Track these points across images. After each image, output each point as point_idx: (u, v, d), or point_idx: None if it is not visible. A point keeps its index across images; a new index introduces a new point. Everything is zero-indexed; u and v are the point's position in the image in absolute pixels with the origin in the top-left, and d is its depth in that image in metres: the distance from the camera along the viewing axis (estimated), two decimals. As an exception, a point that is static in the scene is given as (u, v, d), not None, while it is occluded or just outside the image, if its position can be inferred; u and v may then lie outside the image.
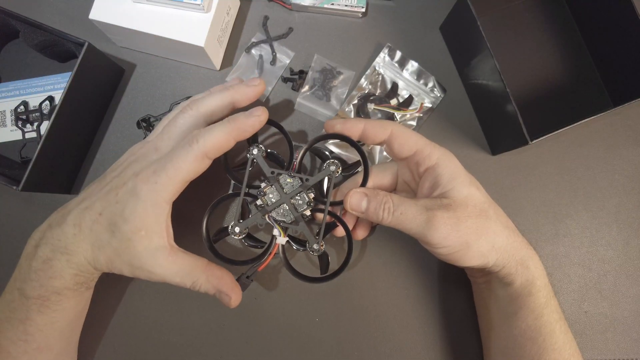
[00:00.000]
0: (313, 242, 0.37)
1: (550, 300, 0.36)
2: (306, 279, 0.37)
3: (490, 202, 0.35)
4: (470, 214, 0.33)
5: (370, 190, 0.35)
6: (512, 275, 0.35)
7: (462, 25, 0.43)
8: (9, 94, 0.45)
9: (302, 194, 0.37)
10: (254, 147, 0.37)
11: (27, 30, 0.42)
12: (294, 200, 0.37)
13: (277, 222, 0.37)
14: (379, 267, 0.44)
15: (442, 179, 0.34)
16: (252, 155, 0.37)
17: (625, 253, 0.45)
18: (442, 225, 0.32)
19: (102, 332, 0.43)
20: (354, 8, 0.47)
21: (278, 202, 0.37)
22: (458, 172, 0.34)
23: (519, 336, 0.35)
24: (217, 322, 0.43)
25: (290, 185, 0.37)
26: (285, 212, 0.37)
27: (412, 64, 0.46)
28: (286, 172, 0.37)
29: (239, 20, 0.48)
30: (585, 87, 0.48)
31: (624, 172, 0.46)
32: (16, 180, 0.38)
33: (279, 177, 0.37)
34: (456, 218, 0.32)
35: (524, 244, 0.36)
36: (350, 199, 0.35)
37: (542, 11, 0.49)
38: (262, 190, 0.37)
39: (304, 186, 0.37)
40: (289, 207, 0.37)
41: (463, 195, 0.33)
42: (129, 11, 0.41)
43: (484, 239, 0.33)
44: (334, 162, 0.38)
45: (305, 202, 0.37)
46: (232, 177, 0.39)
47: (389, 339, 0.43)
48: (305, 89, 0.46)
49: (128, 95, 0.47)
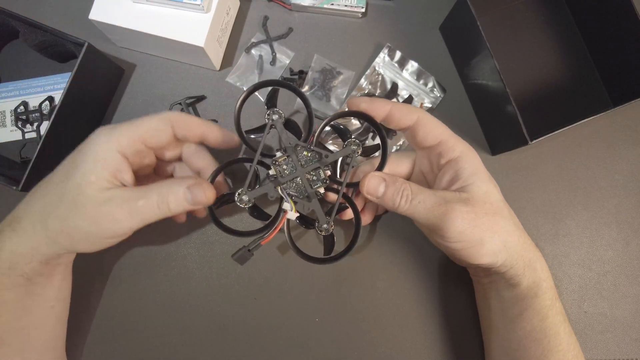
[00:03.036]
0: (324, 221, 0.35)
1: (555, 302, 0.35)
2: (311, 259, 0.35)
3: (504, 202, 0.35)
4: (488, 211, 0.32)
5: (389, 175, 0.34)
6: (519, 277, 0.34)
7: (461, 25, 0.43)
8: (9, 94, 0.45)
9: (318, 170, 0.35)
10: (273, 111, 0.35)
11: (27, 31, 0.42)
12: (309, 175, 0.35)
13: (290, 196, 0.35)
14: (379, 267, 0.44)
15: (464, 172, 0.33)
16: (270, 121, 0.35)
17: (625, 253, 0.45)
18: (460, 219, 0.31)
19: (102, 333, 0.43)
20: (354, 8, 0.47)
21: (293, 174, 0.35)
22: (479, 168, 0.34)
23: (524, 338, 0.35)
24: (217, 322, 0.43)
25: (307, 159, 0.35)
26: (298, 187, 0.35)
27: (411, 64, 0.46)
28: (305, 145, 0.35)
29: (239, 20, 0.48)
30: (585, 87, 0.48)
31: (624, 172, 0.46)
32: (16, 180, 0.38)
33: (297, 149, 0.35)
34: (474, 213, 0.32)
35: (532, 246, 0.36)
36: (368, 182, 0.34)
37: (542, 11, 0.49)
38: (277, 160, 0.35)
39: (322, 162, 0.35)
40: (303, 182, 0.35)
41: (482, 191, 0.33)
42: (128, 11, 0.41)
43: (498, 237, 0.33)
44: (355, 141, 0.35)
45: (320, 179, 0.35)
46: (244, 142, 0.36)
47: (389, 339, 0.43)
48: (305, 89, 0.46)
49: (128, 95, 0.47)
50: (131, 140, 0.31)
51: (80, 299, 0.41)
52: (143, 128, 0.32)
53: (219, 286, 0.44)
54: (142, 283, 0.43)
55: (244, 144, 0.36)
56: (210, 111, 0.47)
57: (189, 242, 0.44)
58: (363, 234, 0.44)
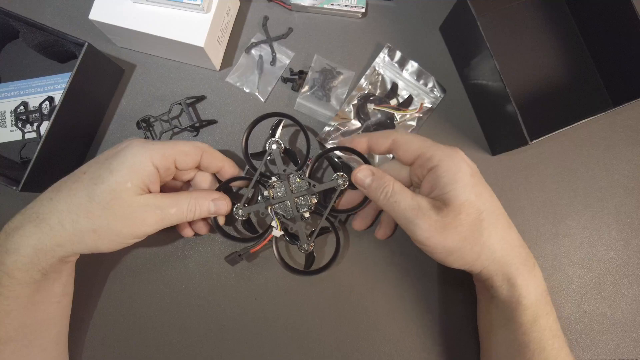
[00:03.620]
0: (304, 242, 0.40)
1: (540, 319, 0.34)
2: (292, 270, 0.40)
3: (490, 211, 0.34)
4: (462, 221, 0.32)
5: (378, 170, 0.36)
6: (497, 289, 0.35)
7: (461, 25, 0.43)
8: (9, 94, 0.45)
9: (306, 196, 0.40)
10: (273, 142, 0.40)
11: (27, 31, 0.42)
12: (298, 200, 0.40)
13: (277, 215, 0.40)
14: (379, 268, 0.44)
15: (440, 181, 0.33)
16: (269, 150, 0.40)
17: (625, 253, 0.45)
18: (427, 226, 0.32)
19: (102, 333, 0.43)
20: (354, 8, 0.47)
21: (283, 197, 0.40)
22: (458, 176, 0.33)
23: (509, 347, 0.36)
24: (217, 322, 0.43)
25: (297, 186, 0.40)
26: (287, 209, 0.40)
27: (411, 64, 0.46)
28: (297, 173, 0.40)
29: (239, 21, 0.48)
30: (585, 87, 0.48)
31: (624, 172, 0.46)
32: (16, 181, 0.38)
33: (289, 176, 0.40)
34: (443, 223, 0.32)
35: (518, 258, 0.34)
36: (358, 172, 0.37)
37: (542, 11, 0.49)
38: (272, 184, 0.40)
39: (310, 190, 0.40)
40: (292, 205, 0.40)
41: (459, 201, 0.33)
42: (128, 11, 0.41)
43: (470, 249, 0.33)
44: (343, 175, 0.40)
45: (307, 204, 0.40)
46: (247, 163, 0.41)
47: (389, 339, 0.43)
48: (305, 89, 0.46)
49: (128, 95, 0.47)
50: (164, 158, 0.35)
51: (81, 299, 0.41)
52: (177, 150, 0.36)
53: (219, 286, 0.44)
54: (142, 283, 0.43)
55: (248, 165, 0.41)
56: (210, 111, 0.47)
57: (189, 243, 0.44)
58: (365, 236, 0.44)
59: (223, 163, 0.39)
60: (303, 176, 0.40)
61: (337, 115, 0.45)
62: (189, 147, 0.36)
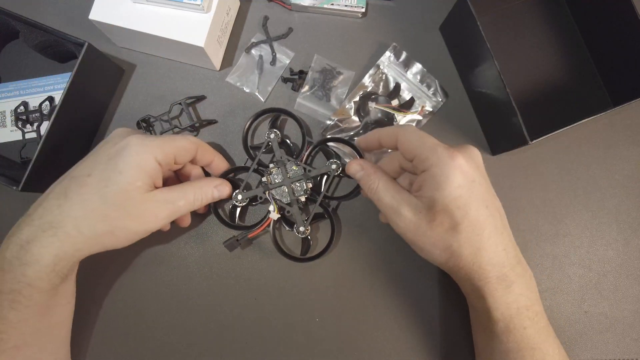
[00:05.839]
0: (300, 224, 0.41)
1: (515, 332, 0.34)
2: (287, 256, 0.42)
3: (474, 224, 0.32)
4: (433, 228, 0.33)
5: (368, 165, 0.38)
6: (467, 296, 0.37)
7: (462, 25, 0.43)
8: (9, 94, 0.45)
9: (302, 182, 0.42)
10: (272, 131, 0.43)
11: (27, 31, 0.42)
12: (294, 185, 0.42)
13: (275, 199, 0.41)
14: (379, 268, 0.44)
15: (426, 185, 0.33)
16: (268, 138, 0.43)
17: (625, 253, 0.45)
18: (403, 225, 0.34)
19: (102, 333, 0.43)
20: (354, 8, 0.47)
21: (280, 183, 0.42)
22: (443, 185, 0.32)
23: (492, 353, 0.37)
24: (217, 322, 0.43)
25: (294, 172, 0.42)
26: (283, 194, 0.42)
27: (416, 65, 0.46)
28: (293, 160, 0.42)
29: (239, 21, 0.48)
30: (585, 87, 0.48)
31: (624, 172, 0.46)
32: (16, 181, 0.38)
33: (286, 163, 0.42)
34: (417, 224, 0.33)
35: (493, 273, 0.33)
36: (351, 165, 0.39)
37: (542, 11, 0.49)
38: (269, 170, 0.42)
39: (306, 176, 0.42)
40: (288, 190, 0.42)
41: (436, 208, 0.32)
42: (128, 11, 0.41)
43: (438, 254, 0.34)
44: (336, 161, 0.42)
45: (303, 189, 0.42)
46: (246, 153, 0.44)
47: (389, 339, 0.43)
48: (305, 89, 0.46)
49: (128, 95, 0.47)
50: (166, 155, 0.36)
51: (82, 299, 0.41)
52: (176, 146, 0.37)
53: (219, 286, 0.44)
54: (142, 283, 0.43)
55: (247, 154, 0.44)
56: (210, 111, 0.47)
57: (189, 242, 0.44)
58: (365, 235, 0.44)
59: (214, 157, 0.41)
60: (299, 163, 0.42)
61: (337, 112, 0.45)
62: (187, 143, 0.38)
